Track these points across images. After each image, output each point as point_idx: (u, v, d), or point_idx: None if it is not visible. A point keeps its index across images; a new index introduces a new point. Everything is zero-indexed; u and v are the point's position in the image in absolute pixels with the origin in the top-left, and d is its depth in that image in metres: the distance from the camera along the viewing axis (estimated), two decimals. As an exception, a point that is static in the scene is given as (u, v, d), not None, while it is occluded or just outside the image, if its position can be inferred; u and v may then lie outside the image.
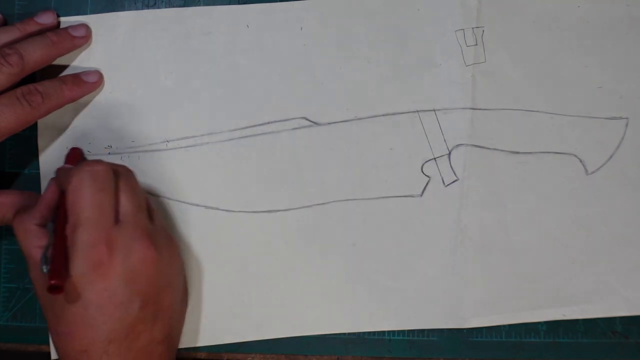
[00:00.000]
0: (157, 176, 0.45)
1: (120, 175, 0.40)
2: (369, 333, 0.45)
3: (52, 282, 0.35)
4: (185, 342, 0.45)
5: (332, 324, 0.45)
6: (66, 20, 0.45)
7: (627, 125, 0.45)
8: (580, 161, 0.45)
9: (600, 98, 0.45)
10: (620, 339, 0.45)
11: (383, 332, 0.45)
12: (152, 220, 0.40)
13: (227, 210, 0.45)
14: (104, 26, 0.45)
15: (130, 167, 0.42)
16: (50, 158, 0.45)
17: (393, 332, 0.45)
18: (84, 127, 0.45)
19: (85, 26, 0.44)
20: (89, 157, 0.45)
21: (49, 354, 0.45)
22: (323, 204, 0.45)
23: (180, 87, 0.45)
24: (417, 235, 0.45)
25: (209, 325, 0.45)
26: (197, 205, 0.45)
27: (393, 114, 0.45)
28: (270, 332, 0.45)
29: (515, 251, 0.45)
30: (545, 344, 0.45)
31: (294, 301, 0.45)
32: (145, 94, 0.45)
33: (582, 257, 0.45)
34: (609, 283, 0.45)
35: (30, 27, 0.44)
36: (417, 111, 0.45)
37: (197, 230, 0.45)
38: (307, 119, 0.45)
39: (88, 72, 0.44)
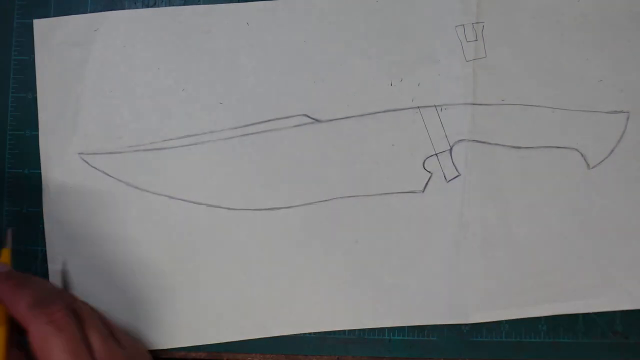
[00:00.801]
0: (158, 175, 0.45)
1: (77, 311, 0.38)
2: (369, 333, 0.45)
3: None
4: (187, 341, 0.45)
5: (335, 320, 0.45)
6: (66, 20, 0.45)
7: (628, 119, 0.45)
8: (582, 155, 0.45)
9: (601, 92, 0.45)
10: (620, 339, 0.45)
11: (383, 332, 0.45)
12: (119, 343, 0.39)
13: (228, 209, 0.45)
14: (104, 25, 0.45)
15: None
16: (51, 158, 0.45)
17: (393, 332, 0.45)
18: (84, 126, 0.45)
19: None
20: (91, 156, 0.45)
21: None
22: (325, 201, 0.45)
23: (181, 85, 0.45)
24: (420, 231, 0.45)
25: (211, 323, 0.45)
26: (199, 203, 0.45)
27: (394, 110, 0.45)
28: (274, 329, 0.45)
29: (517, 246, 0.45)
30: (545, 344, 0.45)
31: (296, 299, 0.45)
32: (146, 93, 0.45)
33: (584, 251, 0.45)
34: (611, 277, 0.44)
35: None
36: (418, 107, 0.45)
37: (198, 228, 0.45)
38: (308, 116, 0.45)
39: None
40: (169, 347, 0.45)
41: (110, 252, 0.45)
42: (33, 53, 0.46)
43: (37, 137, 0.45)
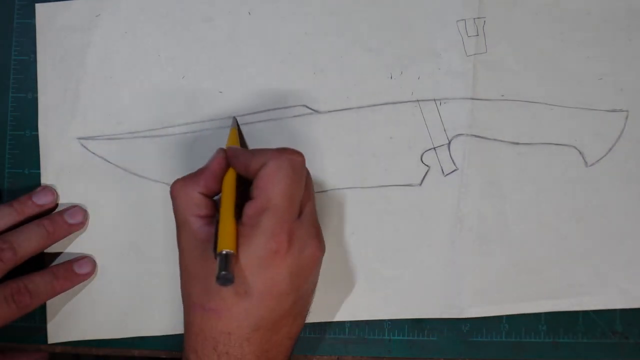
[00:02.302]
0: (157, 162, 0.45)
1: (307, 177, 0.39)
2: (369, 333, 0.45)
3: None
4: (180, 329, 0.45)
5: (331, 312, 0.45)
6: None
7: (627, 118, 0.45)
8: (580, 153, 0.45)
9: (600, 90, 0.45)
10: (620, 339, 0.45)
11: (383, 332, 0.45)
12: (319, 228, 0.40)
13: (226, 197, 0.45)
14: (105, 11, 0.45)
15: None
16: (50, 142, 0.45)
17: (393, 332, 0.45)
18: (83, 111, 0.45)
19: (83, 211, 0.44)
20: (90, 141, 0.45)
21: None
22: (322, 191, 0.45)
23: (181, 73, 0.45)
24: (416, 224, 0.45)
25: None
26: (197, 191, 0.45)
27: (393, 103, 0.45)
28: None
29: (513, 242, 0.45)
30: (545, 344, 0.45)
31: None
32: (146, 80, 0.45)
33: (580, 248, 0.45)
34: (606, 275, 0.45)
35: (28, 209, 0.43)
36: (418, 101, 0.45)
37: None
38: (307, 107, 0.45)
39: (81, 263, 0.44)
40: (164, 334, 0.45)
41: (107, 238, 0.45)
42: (33, 53, 0.46)
43: (37, 137, 0.45)
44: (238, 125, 0.44)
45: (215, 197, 0.39)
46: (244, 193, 0.38)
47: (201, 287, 0.37)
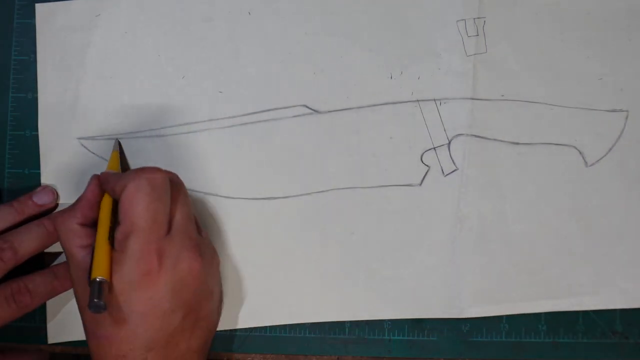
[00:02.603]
0: (156, 162, 0.45)
1: (173, 184, 0.39)
2: (369, 333, 0.45)
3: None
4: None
5: (330, 312, 0.45)
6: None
7: (627, 118, 0.45)
8: (580, 153, 0.45)
9: (600, 90, 0.45)
10: (620, 339, 0.45)
11: (383, 332, 0.45)
12: (199, 231, 0.40)
13: (226, 197, 0.45)
14: (105, 11, 0.45)
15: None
16: (50, 142, 0.45)
17: (393, 332, 0.45)
18: (83, 111, 0.45)
19: None
20: (90, 141, 0.45)
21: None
22: (322, 191, 0.45)
23: (181, 73, 0.45)
24: (416, 224, 0.45)
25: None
26: (197, 191, 0.45)
27: (393, 103, 0.45)
28: (267, 319, 0.45)
29: (513, 242, 0.45)
30: (545, 344, 0.45)
31: (291, 289, 0.45)
32: (146, 80, 0.45)
33: (580, 249, 0.45)
34: (607, 275, 0.44)
35: (28, 209, 0.43)
36: (418, 101, 0.45)
37: (195, 216, 0.45)
38: (307, 107, 0.45)
39: None
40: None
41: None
42: (33, 53, 0.46)
43: (37, 137, 0.45)
44: (121, 148, 0.43)
45: None
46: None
47: (90, 316, 0.37)
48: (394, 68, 0.45)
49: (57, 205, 0.45)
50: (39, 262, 0.45)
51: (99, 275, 0.35)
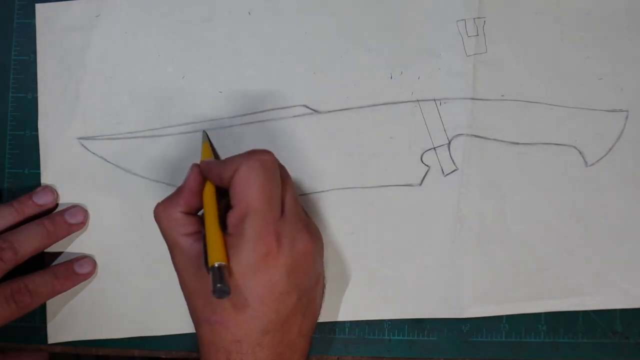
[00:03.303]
0: (156, 161, 0.45)
1: (281, 168, 0.39)
2: (369, 333, 0.45)
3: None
4: (181, 328, 0.45)
5: (330, 312, 0.45)
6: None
7: (627, 118, 0.45)
8: (580, 153, 0.45)
9: (600, 90, 0.45)
10: (620, 339, 0.45)
11: (383, 332, 0.45)
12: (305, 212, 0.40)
13: (226, 197, 0.45)
14: (105, 11, 0.45)
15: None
16: (49, 142, 0.45)
17: (393, 332, 0.45)
18: (83, 111, 0.45)
19: (83, 211, 0.44)
20: (90, 141, 0.45)
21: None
22: (322, 191, 0.45)
23: (181, 73, 0.45)
24: (416, 224, 0.45)
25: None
26: (197, 191, 0.45)
27: (393, 103, 0.45)
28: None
29: (513, 242, 0.45)
30: (545, 344, 0.45)
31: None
32: (146, 80, 0.45)
33: (580, 249, 0.45)
34: (606, 275, 0.45)
35: (28, 209, 0.43)
36: (418, 100, 0.45)
37: None
38: (307, 107, 0.45)
39: (81, 263, 0.44)
40: (164, 334, 0.45)
41: (107, 238, 0.45)
42: (33, 53, 0.46)
43: (37, 137, 0.45)
44: (209, 138, 0.43)
45: (200, 213, 0.39)
46: (226, 204, 0.38)
47: (203, 302, 0.37)
48: (394, 68, 0.45)
49: (57, 205, 0.45)
50: (39, 262, 0.45)
51: (217, 260, 0.35)
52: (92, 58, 0.45)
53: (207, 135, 0.43)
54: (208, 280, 0.35)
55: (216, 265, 0.35)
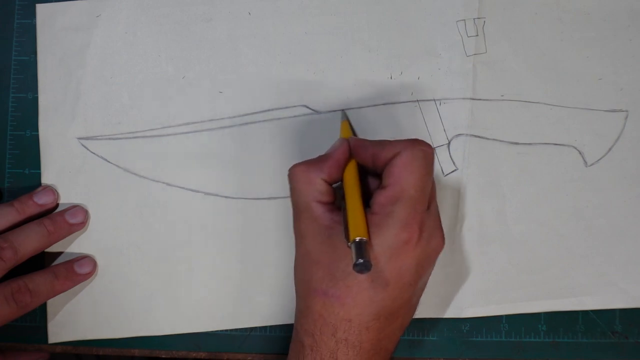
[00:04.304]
0: (156, 161, 0.45)
1: None
2: None
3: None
4: (181, 328, 0.45)
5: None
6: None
7: (626, 118, 0.45)
8: (580, 153, 0.45)
9: (600, 90, 0.45)
10: (620, 339, 0.45)
11: None
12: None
13: (226, 197, 0.45)
14: (106, 11, 0.45)
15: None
16: (50, 142, 0.45)
17: None
18: (84, 111, 0.45)
19: (83, 211, 0.44)
20: (90, 141, 0.45)
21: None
22: (322, 191, 0.45)
23: (182, 73, 0.45)
24: (416, 224, 0.45)
25: (205, 311, 0.45)
26: (197, 191, 0.45)
27: (393, 103, 0.45)
28: (268, 319, 0.45)
29: (513, 242, 0.45)
30: (545, 344, 0.45)
31: (293, 289, 0.44)
32: (146, 80, 0.45)
33: (580, 249, 0.45)
34: (606, 275, 0.45)
35: (29, 209, 0.43)
36: (417, 100, 0.45)
37: (195, 216, 0.45)
38: (307, 107, 0.45)
39: (82, 262, 0.44)
40: (164, 333, 0.45)
41: (107, 238, 0.45)
42: (34, 53, 0.46)
43: (37, 137, 0.45)
44: (347, 118, 0.43)
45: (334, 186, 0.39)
46: (363, 183, 0.38)
47: (324, 272, 0.37)
48: (394, 68, 0.45)
49: (57, 205, 0.45)
50: (39, 262, 0.45)
51: (359, 235, 0.35)
52: (92, 58, 0.45)
53: (346, 115, 0.44)
54: (338, 253, 0.35)
55: (358, 239, 0.34)
